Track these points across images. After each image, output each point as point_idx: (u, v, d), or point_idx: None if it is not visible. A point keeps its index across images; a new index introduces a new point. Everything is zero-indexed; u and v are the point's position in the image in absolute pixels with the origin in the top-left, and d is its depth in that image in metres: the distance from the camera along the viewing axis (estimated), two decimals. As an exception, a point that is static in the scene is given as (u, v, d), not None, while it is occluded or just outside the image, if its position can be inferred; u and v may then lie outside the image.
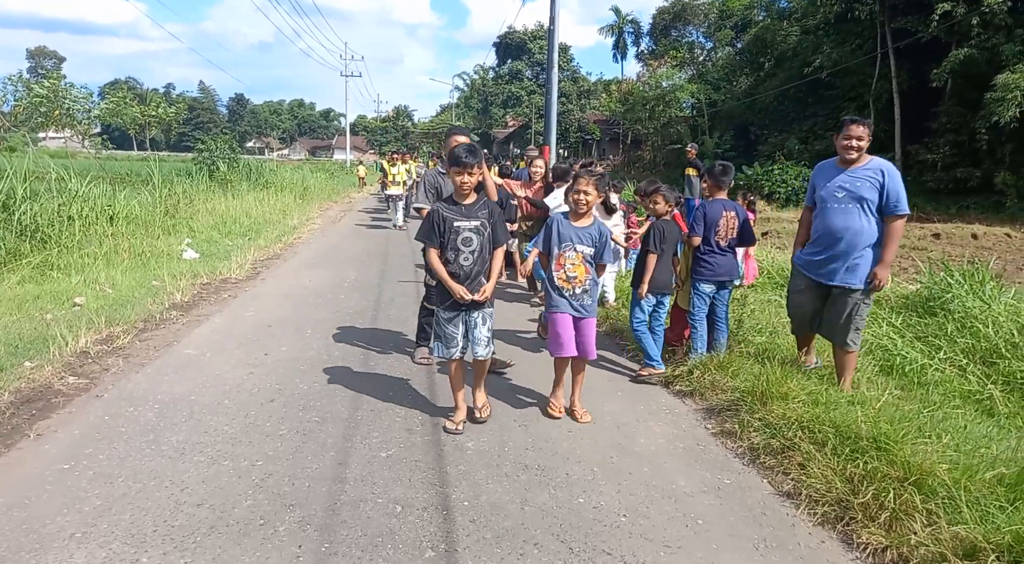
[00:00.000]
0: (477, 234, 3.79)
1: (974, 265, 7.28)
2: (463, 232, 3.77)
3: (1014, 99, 21.37)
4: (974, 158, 25.39)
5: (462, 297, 3.75)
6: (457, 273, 3.80)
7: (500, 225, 3.88)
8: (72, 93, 38.90)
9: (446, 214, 3.78)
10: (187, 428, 3.89)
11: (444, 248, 3.80)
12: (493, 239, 3.86)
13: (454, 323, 3.88)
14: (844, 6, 29.62)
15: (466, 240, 3.78)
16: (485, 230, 3.81)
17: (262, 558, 2.66)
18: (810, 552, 2.88)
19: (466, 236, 3.77)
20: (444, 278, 3.78)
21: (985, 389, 4.74)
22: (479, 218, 3.81)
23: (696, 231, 5.07)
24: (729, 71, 41.27)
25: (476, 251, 3.80)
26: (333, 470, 3.43)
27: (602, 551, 2.81)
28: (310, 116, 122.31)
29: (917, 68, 27.20)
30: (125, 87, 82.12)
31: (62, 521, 2.87)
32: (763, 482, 3.51)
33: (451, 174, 3.78)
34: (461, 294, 3.74)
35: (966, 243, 16.96)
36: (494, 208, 3.93)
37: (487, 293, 3.84)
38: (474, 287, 3.81)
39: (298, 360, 5.26)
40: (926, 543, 2.69)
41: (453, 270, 3.79)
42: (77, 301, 6.59)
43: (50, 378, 4.60)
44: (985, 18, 23.79)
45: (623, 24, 52.30)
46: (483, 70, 68.14)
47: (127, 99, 51.35)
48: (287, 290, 8.06)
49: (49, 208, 9.49)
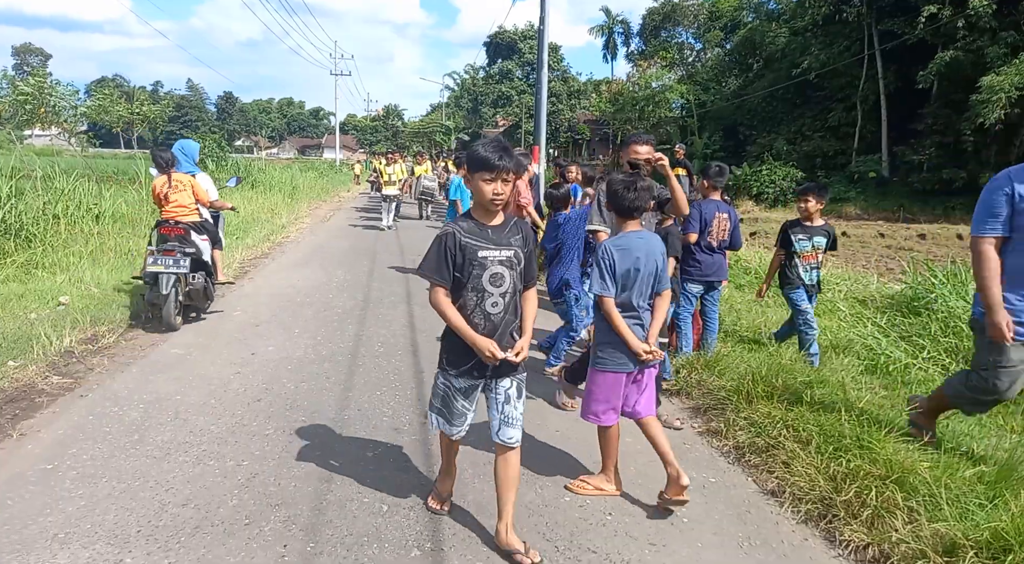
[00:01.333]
0: (509, 269, 2.67)
1: (957, 265, 7.36)
2: (491, 266, 2.64)
3: (999, 101, 21.63)
4: (960, 159, 25.68)
5: (491, 356, 2.60)
6: (480, 325, 2.66)
7: (534, 257, 2.82)
8: (58, 90, 38.50)
9: (466, 240, 2.62)
10: (172, 428, 3.87)
11: (461, 288, 2.66)
12: (525, 276, 2.77)
13: (469, 395, 2.80)
14: (832, 8, 29.87)
15: (496, 278, 2.65)
16: (519, 264, 2.69)
17: (247, 558, 2.66)
18: (793, 550, 2.90)
19: (496, 272, 2.65)
20: (463, 330, 2.62)
21: (967, 388, 4.79)
22: (511, 246, 2.68)
23: (692, 228, 5.09)
24: (718, 72, 41.52)
25: (508, 293, 2.67)
26: (319, 469, 3.42)
27: (587, 549, 2.82)
28: (299, 115, 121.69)
29: (904, 70, 27.48)
30: (112, 84, 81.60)
31: (45, 521, 2.85)
32: (748, 480, 3.54)
33: (475, 181, 2.61)
34: (491, 352, 2.59)
35: (951, 243, 17.14)
36: (528, 232, 2.80)
37: (523, 352, 2.71)
38: (503, 344, 2.68)
39: (285, 360, 5.24)
40: (907, 540, 2.72)
41: (475, 321, 2.66)
42: (62, 300, 6.54)
43: (34, 377, 4.57)
44: (970, 21, 24.06)
45: (613, 25, 52.47)
46: (473, 69, 68.11)
47: (114, 97, 50.94)
48: (275, 289, 8.03)
49: (34, 206, 9.41)
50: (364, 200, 24.42)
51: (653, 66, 42.68)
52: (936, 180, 26.01)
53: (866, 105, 29.92)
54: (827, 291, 7.75)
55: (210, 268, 6.54)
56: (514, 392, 2.77)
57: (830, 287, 7.87)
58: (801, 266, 5.10)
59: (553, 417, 4.27)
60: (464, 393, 2.78)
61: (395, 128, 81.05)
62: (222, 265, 7.22)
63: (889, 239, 18.14)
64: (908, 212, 25.30)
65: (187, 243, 6.13)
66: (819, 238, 5.08)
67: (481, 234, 2.65)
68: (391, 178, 15.38)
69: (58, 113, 37.07)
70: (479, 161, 2.57)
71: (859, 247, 15.08)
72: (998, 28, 23.96)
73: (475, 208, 2.72)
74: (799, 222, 5.16)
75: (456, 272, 2.65)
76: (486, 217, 2.69)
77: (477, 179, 2.60)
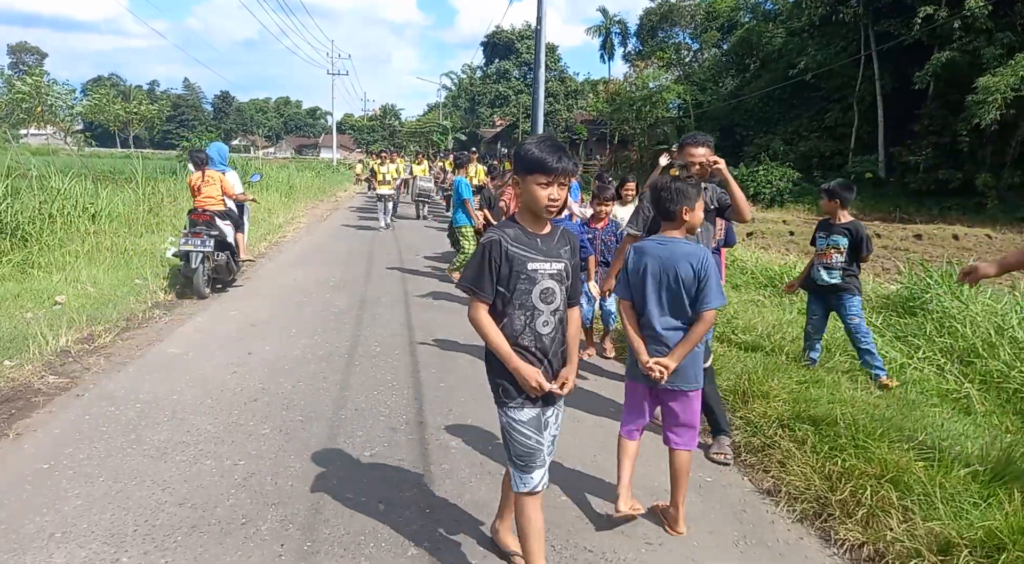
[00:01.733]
0: (560, 283, 2.38)
1: (953, 266, 7.39)
2: (542, 280, 2.34)
3: (995, 102, 21.70)
4: (956, 160, 25.76)
5: (537, 388, 2.31)
6: (529, 348, 2.36)
7: (579, 271, 2.55)
8: (54, 90, 38.45)
9: (514, 249, 2.32)
10: (169, 427, 3.87)
11: (506, 305, 2.35)
12: (570, 292, 2.46)
13: (536, 425, 2.41)
14: (828, 9, 29.94)
15: (547, 293, 2.35)
16: (567, 278, 2.41)
17: (244, 557, 2.66)
18: (789, 549, 2.92)
19: (547, 287, 2.35)
20: (505, 354, 2.31)
21: (962, 388, 4.81)
22: (561, 258, 2.40)
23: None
24: (715, 72, 41.59)
25: (559, 311, 2.40)
26: (316, 469, 3.43)
27: (584, 548, 2.83)
28: (296, 114, 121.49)
29: (900, 71, 27.54)
30: (108, 84, 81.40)
31: (41, 521, 2.85)
32: (744, 480, 3.55)
33: (527, 185, 2.31)
34: (537, 383, 2.30)
35: (947, 244, 17.19)
36: (575, 242, 2.53)
37: (569, 383, 2.43)
38: (552, 373, 2.41)
39: (282, 359, 5.24)
40: (901, 539, 2.74)
41: (523, 343, 2.35)
42: (58, 299, 6.52)
43: (30, 377, 4.56)
44: (967, 22, 24.14)
45: (610, 25, 52.54)
46: (471, 69, 68.14)
47: (110, 96, 50.86)
48: (272, 289, 8.02)
49: (30, 206, 9.38)
50: (361, 200, 24.40)
51: (650, 66, 42.70)
52: (932, 181, 26.08)
53: (862, 106, 29.99)
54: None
55: (233, 248, 7.84)
56: (552, 419, 2.50)
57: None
58: (816, 265, 5.07)
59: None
60: (534, 425, 2.39)
61: (392, 128, 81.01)
62: (245, 246, 8.55)
63: (885, 239, 18.19)
64: (904, 212, 25.36)
65: (212, 227, 7.34)
66: (837, 237, 4.96)
67: (530, 243, 2.35)
68: (385, 177, 15.35)
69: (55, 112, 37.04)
70: (534, 162, 2.28)
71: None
72: (994, 29, 24.04)
73: (523, 214, 2.40)
74: (827, 221, 5.12)
75: (500, 286, 2.33)
76: (536, 225, 2.38)
77: (530, 182, 2.30)
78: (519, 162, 2.35)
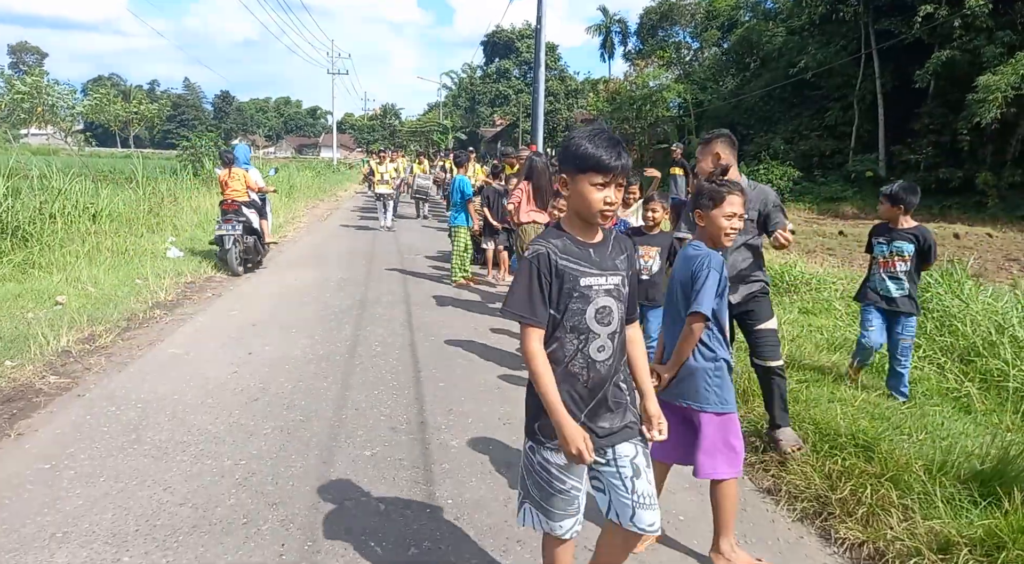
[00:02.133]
0: (617, 301, 2.03)
1: (953, 265, 7.38)
2: (597, 297, 1.99)
3: (995, 100, 21.66)
4: (956, 159, 25.72)
5: (578, 456, 1.89)
6: (581, 376, 1.99)
7: (635, 283, 2.20)
8: (55, 90, 38.49)
9: (564, 263, 1.96)
10: (170, 427, 3.88)
11: (555, 327, 1.99)
12: (628, 308, 2.11)
13: (578, 469, 2.04)
14: (829, 7, 29.89)
15: (603, 313, 2.00)
16: (624, 292, 2.06)
17: (244, 557, 2.66)
18: (789, 547, 2.92)
19: (603, 305, 2.00)
20: (551, 403, 1.91)
21: (963, 387, 4.80)
22: (617, 270, 2.04)
23: (683, 230, 5.09)
24: (715, 71, 41.53)
25: (617, 332, 2.04)
26: (317, 469, 3.43)
27: (584, 547, 2.83)
28: (297, 114, 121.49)
29: (901, 69, 27.50)
30: (108, 83, 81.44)
31: (43, 521, 2.86)
32: (744, 479, 3.55)
33: (578, 185, 1.96)
34: (579, 451, 1.88)
35: (947, 243, 17.16)
36: (630, 248, 2.18)
37: (661, 422, 2.11)
38: (609, 405, 2.03)
39: (283, 359, 5.25)
40: (901, 538, 2.74)
41: (573, 370, 1.99)
42: (59, 300, 6.53)
43: (31, 377, 4.57)
44: (967, 20, 24.11)
45: (610, 24, 52.47)
46: (471, 68, 68.08)
47: (110, 96, 50.88)
48: (272, 289, 8.03)
49: (31, 206, 9.39)
50: (362, 200, 24.41)
51: (650, 65, 42.67)
52: (932, 179, 26.03)
53: (863, 104, 29.96)
54: (823, 290, 7.77)
55: (259, 232, 9.30)
56: (642, 461, 2.06)
57: (826, 286, 7.88)
58: (877, 274, 4.56)
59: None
60: (571, 468, 2.01)
61: (392, 127, 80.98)
62: (269, 230, 10.08)
63: (886, 238, 18.15)
64: (905, 211, 25.32)
65: (240, 215, 8.73)
66: (901, 243, 4.47)
67: (581, 255, 1.98)
68: (383, 177, 15.30)
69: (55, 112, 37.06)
70: (588, 159, 1.92)
71: (856, 246, 15.11)
72: (994, 28, 24.01)
73: (570, 221, 2.04)
74: (885, 225, 4.63)
75: (551, 306, 1.98)
76: (586, 233, 2.02)
77: (582, 183, 1.94)
78: (568, 159, 1.99)
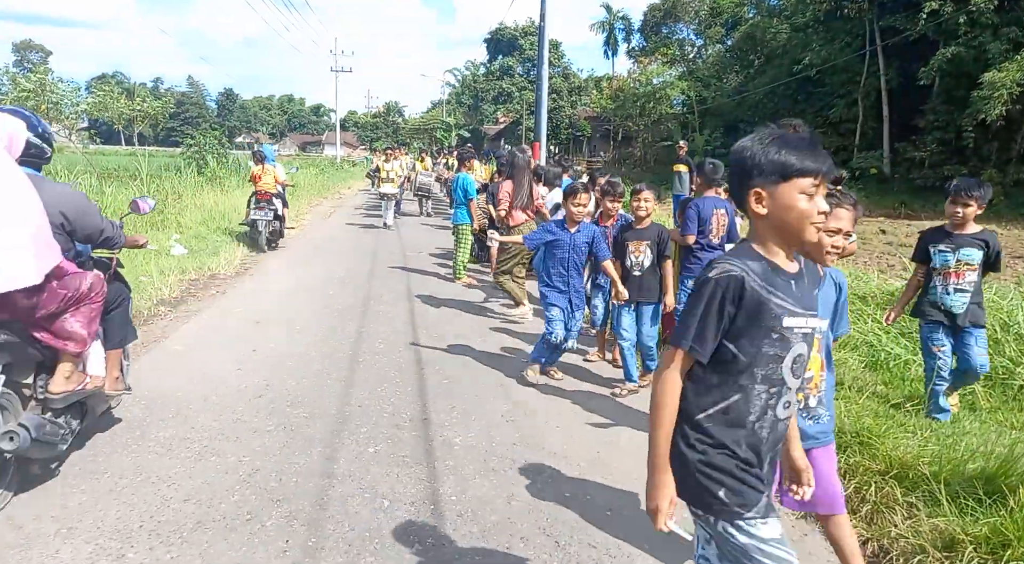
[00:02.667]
0: (811, 347, 1.69)
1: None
2: (795, 342, 1.61)
3: (1000, 97, 21.57)
4: (961, 156, 25.63)
5: (654, 512, 1.65)
6: (763, 441, 1.63)
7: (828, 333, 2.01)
8: (59, 87, 38.55)
9: (764, 294, 1.56)
10: (174, 424, 3.88)
11: (737, 374, 1.60)
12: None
13: (786, 541, 1.68)
14: (833, 4, 29.76)
15: (799, 362, 1.64)
16: (820, 340, 1.88)
17: (248, 553, 2.67)
18: (793, 545, 2.89)
19: (800, 353, 1.63)
20: (659, 455, 1.63)
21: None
22: (816, 311, 1.67)
23: (690, 230, 5.09)
24: (719, 68, 41.42)
25: (803, 387, 1.86)
26: (321, 465, 3.44)
27: (588, 544, 2.83)
28: (300, 111, 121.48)
29: (905, 66, 27.40)
30: (112, 81, 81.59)
31: (47, 517, 2.86)
32: (748, 476, 3.54)
33: (781, 200, 1.56)
34: (655, 508, 1.65)
35: (952, 240, 17.10)
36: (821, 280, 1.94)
37: (810, 479, 1.89)
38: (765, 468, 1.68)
39: (286, 356, 5.25)
40: (906, 535, 2.74)
41: (760, 434, 1.62)
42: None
43: (36, 374, 4.57)
44: (972, 17, 23.98)
45: (614, 21, 52.29)
46: (474, 66, 68.01)
47: (114, 93, 50.99)
48: (276, 286, 8.03)
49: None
50: (365, 197, 24.42)
51: (654, 62, 42.59)
52: (937, 176, 25.89)
53: (867, 101, 29.84)
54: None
55: (282, 218, 11.11)
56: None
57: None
58: (941, 287, 3.95)
59: (553, 415, 4.28)
60: (781, 541, 1.65)
61: (396, 125, 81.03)
62: (290, 216, 12.08)
63: (890, 235, 18.12)
64: (909, 209, 25.24)
65: (271, 204, 10.49)
66: (968, 250, 3.89)
67: (783, 287, 1.58)
68: (388, 175, 15.17)
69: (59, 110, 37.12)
70: (791, 163, 1.52)
71: (860, 244, 15.07)
72: (1000, 24, 23.88)
73: (765, 242, 1.62)
74: (942, 229, 4.03)
75: (729, 343, 1.58)
76: (787, 260, 1.62)
77: (787, 193, 1.53)
78: (760, 168, 1.56)
